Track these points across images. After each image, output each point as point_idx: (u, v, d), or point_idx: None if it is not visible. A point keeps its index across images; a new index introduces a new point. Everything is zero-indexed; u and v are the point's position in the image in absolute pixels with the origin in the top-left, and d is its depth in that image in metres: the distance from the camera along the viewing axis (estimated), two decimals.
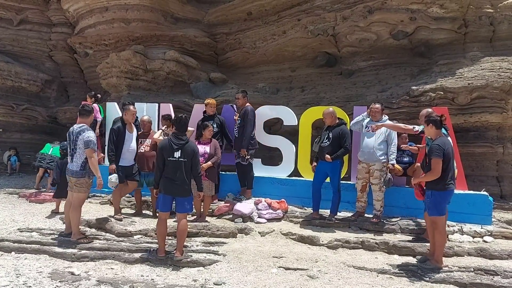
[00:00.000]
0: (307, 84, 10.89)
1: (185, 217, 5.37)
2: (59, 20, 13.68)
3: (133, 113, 7.22)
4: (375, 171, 6.51)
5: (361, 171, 6.71)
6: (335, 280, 4.69)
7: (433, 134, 5.12)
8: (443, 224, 5.10)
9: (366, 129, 6.65)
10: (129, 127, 7.12)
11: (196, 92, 11.25)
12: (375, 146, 6.47)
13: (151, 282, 4.58)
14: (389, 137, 6.51)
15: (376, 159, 6.47)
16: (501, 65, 8.15)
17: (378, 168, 6.48)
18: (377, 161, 6.47)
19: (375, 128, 6.41)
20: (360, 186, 6.70)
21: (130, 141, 7.08)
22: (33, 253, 5.43)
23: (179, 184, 5.19)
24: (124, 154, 6.98)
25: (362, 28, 9.60)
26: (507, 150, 8.11)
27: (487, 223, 6.49)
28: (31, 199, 8.61)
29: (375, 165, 6.50)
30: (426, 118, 5.25)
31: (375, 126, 6.38)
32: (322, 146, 6.75)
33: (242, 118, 7.57)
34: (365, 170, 6.63)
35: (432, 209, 5.00)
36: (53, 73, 14.14)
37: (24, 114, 13.21)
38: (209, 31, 11.91)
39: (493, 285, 4.52)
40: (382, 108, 6.73)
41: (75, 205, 5.73)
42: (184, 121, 5.43)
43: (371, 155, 6.50)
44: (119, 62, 11.03)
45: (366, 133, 6.63)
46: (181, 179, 5.18)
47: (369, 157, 6.54)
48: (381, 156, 6.47)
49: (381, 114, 6.63)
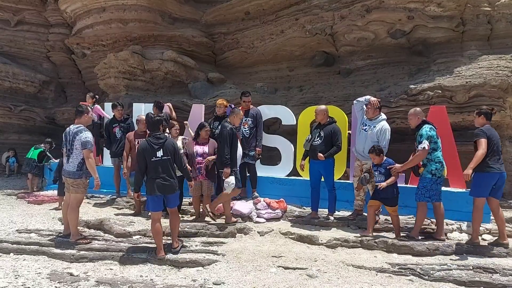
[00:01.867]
0: (305, 83, 10.89)
1: (176, 209, 5.54)
2: (56, 21, 13.67)
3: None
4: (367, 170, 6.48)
5: (357, 168, 6.72)
6: (334, 279, 4.69)
7: (480, 124, 5.63)
8: (481, 203, 5.56)
9: (361, 127, 6.60)
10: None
11: (194, 92, 11.24)
12: (365, 146, 6.39)
13: (150, 282, 4.58)
14: (381, 137, 6.34)
15: (368, 157, 6.39)
16: (499, 63, 8.16)
17: (369, 167, 6.45)
18: (369, 160, 6.39)
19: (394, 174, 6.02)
20: (356, 184, 6.64)
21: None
22: (32, 254, 5.43)
23: (169, 182, 5.26)
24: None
25: (360, 27, 9.60)
26: (506, 148, 8.11)
27: (486, 221, 6.47)
28: (29, 200, 8.59)
29: (367, 164, 6.47)
30: (477, 110, 5.71)
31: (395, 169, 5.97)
32: (313, 145, 6.71)
33: (254, 119, 7.68)
34: (360, 168, 6.64)
35: (472, 191, 5.54)
36: (50, 74, 14.14)
37: (22, 115, 13.21)
38: (207, 31, 11.90)
39: (492, 283, 4.53)
40: (379, 105, 6.61)
41: (72, 206, 5.72)
42: (155, 121, 5.46)
43: (364, 154, 6.46)
44: (117, 63, 11.02)
45: (361, 130, 6.58)
46: (169, 177, 5.27)
47: (362, 155, 6.54)
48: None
49: (377, 112, 6.51)
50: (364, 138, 6.49)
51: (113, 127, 8.36)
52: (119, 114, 8.41)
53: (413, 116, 6.01)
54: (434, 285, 4.58)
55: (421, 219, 5.87)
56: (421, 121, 5.94)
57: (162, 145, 5.27)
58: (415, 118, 5.97)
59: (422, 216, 5.86)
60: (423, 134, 5.71)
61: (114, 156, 8.38)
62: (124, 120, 8.45)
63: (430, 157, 5.77)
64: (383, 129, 6.37)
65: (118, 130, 8.32)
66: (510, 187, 8.05)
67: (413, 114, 6.02)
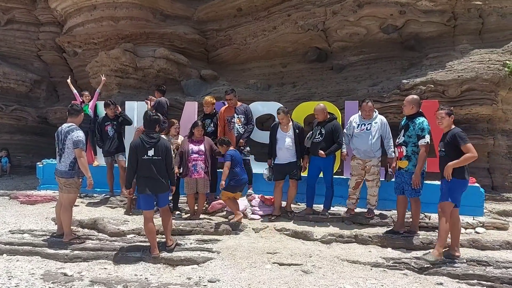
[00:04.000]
0: (298, 79, 10.88)
1: (167, 208, 5.57)
2: (47, 19, 13.52)
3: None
4: (371, 167, 6.39)
5: (356, 167, 6.52)
6: (329, 275, 4.70)
7: (449, 126, 5.15)
8: (450, 212, 5.04)
9: (360, 128, 6.45)
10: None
11: (187, 90, 11.19)
12: (372, 144, 6.31)
13: (145, 281, 4.56)
14: (385, 132, 6.39)
15: (373, 155, 6.37)
16: (490, 57, 8.20)
17: (374, 164, 6.40)
18: (374, 157, 6.38)
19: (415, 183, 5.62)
20: (354, 183, 6.55)
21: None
22: (25, 254, 5.40)
23: (160, 182, 5.26)
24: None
25: (352, 23, 9.60)
26: (498, 141, 8.17)
27: (479, 215, 6.55)
28: (22, 200, 8.52)
29: (372, 161, 6.39)
30: (447, 111, 5.15)
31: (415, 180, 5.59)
32: (314, 142, 6.72)
33: (246, 116, 7.69)
34: (361, 167, 6.46)
35: (446, 196, 5.00)
36: (42, 73, 13.99)
37: (14, 115, 13.07)
38: (199, 28, 11.84)
39: (485, 275, 4.57)
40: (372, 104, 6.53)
41: (65, 206, 5.68)
42: (153, 119, 5.43)
43: (368, 153, 6.36)
44: (108, 61, 10.94)
45: (361, 132, 6.42)
46: (160, 176, 5.26)
47: (366, 154, 6.40)
48: (377, 152, 6.40)
49: (372, 111, 6.48)
50: (367, 136, 6.37)
51: (105, 125, 8.29)
52: (112, 112, 8.34)
53: (408, 104, 5.81)
54: (428, 279, 4.61)
55: (417, 214, 5.87)
56: (417, 112, 5.79)
57: (154, 144, 5.24)
58: (409, 107, 5.79)
59: (418, 211, 5.85)
60: (425, 128, 5.56)
61: (107, 155, 8.32)
62: (116, 118, 8.38)
63: (417, 151, 5.68)
64: (384, 122, 6.46)
65: (110, 128, 8.26)
66: (502, 180, 8.11)
67: (408, 102, 5.83)
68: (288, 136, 6.90)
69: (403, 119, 6.04)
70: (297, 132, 6.95)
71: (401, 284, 4.46)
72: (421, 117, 5.73)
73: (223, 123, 7.76)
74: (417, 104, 5.81)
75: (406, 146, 5.75)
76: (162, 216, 5.54)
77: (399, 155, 5.85)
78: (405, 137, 5.77)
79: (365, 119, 6.47)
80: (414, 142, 5.69)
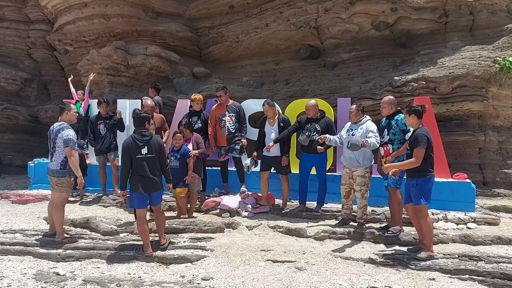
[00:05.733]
0: (291, 77, 10.88)
1: (160, 207, 5.58)
2: (37, 17, 13.36)
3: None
4: (357, 177, 6.00)
5: (345, 176, 6.19)
6: (322, 271, 4.72)
7: (415, 124, 5.11)
8: (427, 212, 5.14)
9: (347, 134, 6.15)
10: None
11: (179, 88, 11.15)
12: (354, 151, 5.81)
13: (138, 280, 4.55)
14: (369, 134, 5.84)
15: (357, 164, 5.94)
16: (481, 53, 8.25)
17: (360, 174, 5.96)
18: (359, 167, 5.95)
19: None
20: (344, 192, 6.23)
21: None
22: (17, 254, 5.35)
23: (154, 180, 5.23)
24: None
25: (344, 20, 9.63)
26: (489, 137, 8.23)
27: (471, 210, 6.60)
28: (13, 200, 8.45)
29: (357, 171, 5.99)
30: (407, 108, 5.16)
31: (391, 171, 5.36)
32: (311, 140, 6.60)
33: (237, 114, 7.71)
34: (349, 175, 6.13)
35: (419, 198, 4.99)
36: (32, 72, 13.83)
37: (4, 114, 12.90)
38: (191, 26, 11.79)
39: (477, 270, 4.60)
40: (360, 108, 6.22)
41: (57, 205, 5.65)
42: (141, 116, 5.42)
43: (352, 160, 5.97)
44: (100, 59, 10.86)
45: (347, 137, 6.05)
46: (154, 174, 5.24)
47: (350, 162, 6.02)
48: (362, 160, 5.93)
49: (360, 115, 6.10)
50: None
51: (98, 124, 8.24)
52: (104, 110, 8.29)
53: (387, 104, 5.83)
54: (420, 274, 4.64)
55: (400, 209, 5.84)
56: (396, 110, 5.83)
57: (147, 142, 5.22)
58: (389, 107, 5.84)
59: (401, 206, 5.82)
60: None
61: (99, 154, 8.28)
62: (109, 117, 8.32)
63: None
64: (368, 128, 5.87)
65: (102, 127, 8.21)
66: (493, 176, 8.17)
67: (387, 103, 5.83)
68: (273, 130, 7.05)
69: (383, 119, 6.07)
70: (281, 126, 7.04)
71: (394, 279, 4.49)
72: (399, 113, 5.78)
73: (214, 121, 7.75)
74: (395, 104, 5.90)
75: (392, 144, 5.80)
76: (156, 215, 5.54)
77: (385, 153, 5.85)
78: (389, 136, 5.80)
79: (354, 124, 6.15)
80: (400, 139, 5.72)
